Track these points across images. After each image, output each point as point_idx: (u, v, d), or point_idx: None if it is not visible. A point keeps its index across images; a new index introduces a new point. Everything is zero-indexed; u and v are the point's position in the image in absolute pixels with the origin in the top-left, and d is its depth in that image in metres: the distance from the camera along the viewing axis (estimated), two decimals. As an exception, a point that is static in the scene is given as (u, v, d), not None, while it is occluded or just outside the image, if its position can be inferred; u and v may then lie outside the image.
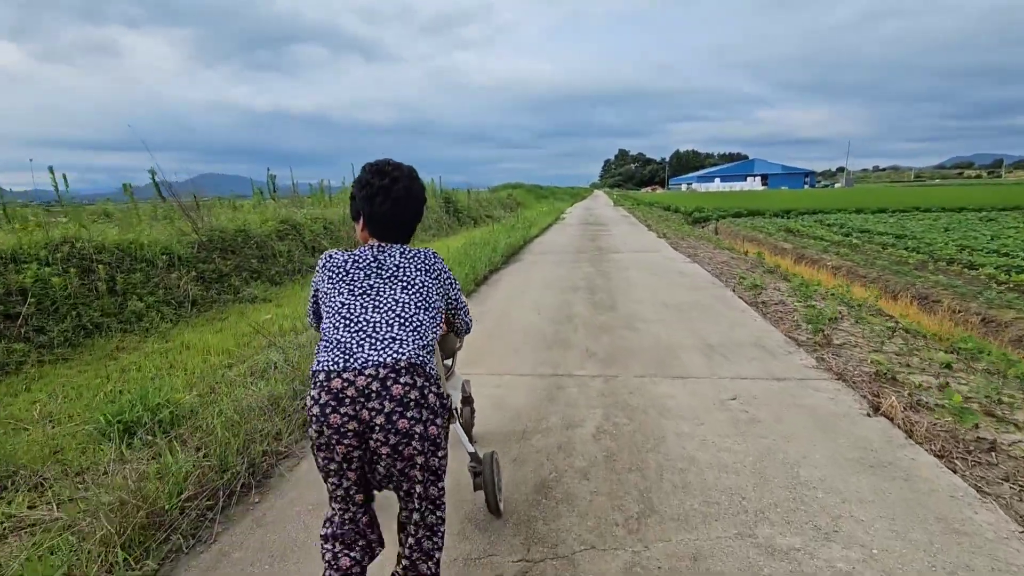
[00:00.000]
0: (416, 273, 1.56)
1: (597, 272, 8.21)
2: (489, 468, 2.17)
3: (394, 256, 1.57)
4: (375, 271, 1.53)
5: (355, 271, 1.53)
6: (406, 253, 1.59)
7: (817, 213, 31.18)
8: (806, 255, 15.79)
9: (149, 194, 10.79)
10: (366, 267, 1.54)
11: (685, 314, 5.48)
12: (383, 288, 1.51)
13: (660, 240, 12.75)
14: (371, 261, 1.55)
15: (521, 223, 15.22)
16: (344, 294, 1.49)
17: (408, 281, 1.53)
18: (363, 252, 1.57)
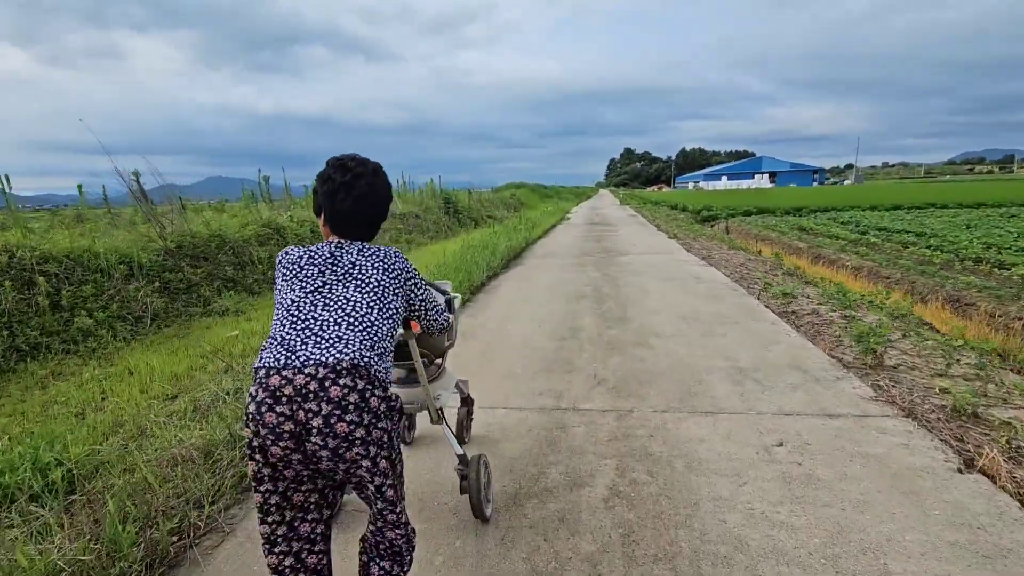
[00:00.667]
0: (372, 272, 1.49)
1: (604, 277, 7.53)
2: (475, 471, 2.10)
3: (351, 253, 1.50)
4: (329, 268, 1.47)
5: (309, 267, 1.46)
6: (364, 251, 1.52)
7: (830, 211, 30.38)
8: (823, 255, 15.03)
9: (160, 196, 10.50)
10: (321, 264, 1.47)
11: (707, 328, 4.80)
12: (336, 286, 1.44)
13: (671, 241, 12.04)
14: (327, 258, 1.48)
15: (524, 224, 14.55)
16: (296, 291, 1.43)
17: (362, 280, 1.47)
18: (319, 249, 1.50)
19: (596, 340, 4.60)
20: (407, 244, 11.44)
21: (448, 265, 7.83)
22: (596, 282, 7.19)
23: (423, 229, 13.23)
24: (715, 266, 8.30)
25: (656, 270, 7.97)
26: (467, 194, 20.59)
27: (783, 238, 18.45)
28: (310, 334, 1.34)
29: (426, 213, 14.28)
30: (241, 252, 6.98)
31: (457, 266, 7.76)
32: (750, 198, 39.97)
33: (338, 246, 1.51)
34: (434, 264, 8.12)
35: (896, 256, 14.37)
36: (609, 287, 6.82)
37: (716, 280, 7.05)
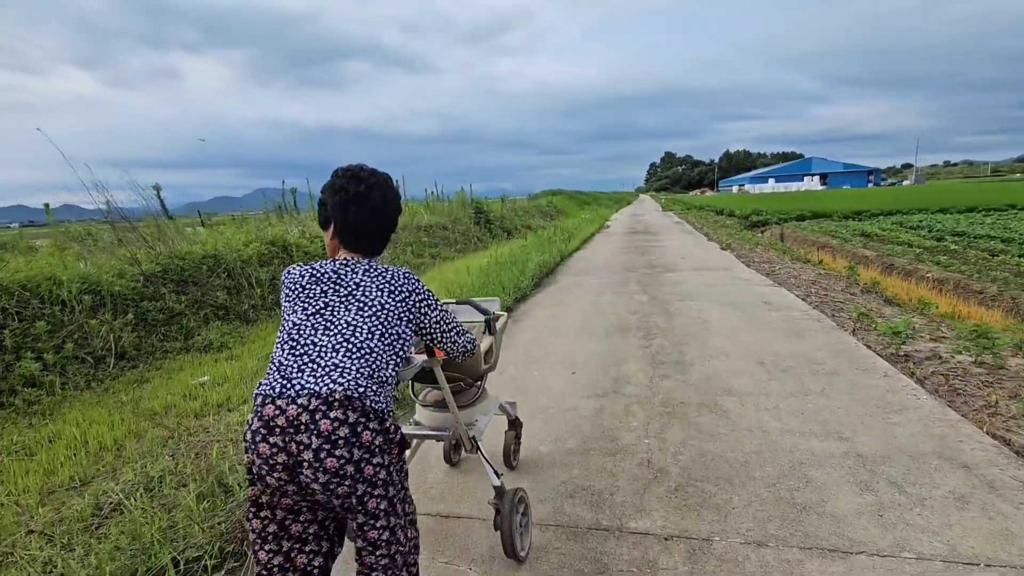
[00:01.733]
0: (376, 294, 1.39)
1: (652, 302, 6.37)
2: (509, 506, 1.92)
3: (357, 273, 1.41)
4: (332, 288, 1.39)
5: (311, 287, 1.40)
6: (371, 271, 1.43)
7: (894, 214, 28.04)
8: (896, 265, 13.32)
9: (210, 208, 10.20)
10: (324, 284, 1.40)
11: (797, 381, 3.62)
12: (338, 308, 1.37)
13: (725, 253, 10.70)
14: (331, 276, 1.40)
15: (559, 235, 13.48)
16: (298, 313, 1.37)
17: (365, 302, 1.37)
18: (323, 266, 1.42)
19: (647, 398, 3.49)
20: (431, 259, 10.57)
21: (468, 285, 6.86)
22: (642, 308, 6.05)
23: (450, 241, 12.35)
24: (783, 285, 7.01)
25: (714, 291, 6.74)
26: (500, 203, 19.68)
27: (846, 246, 16.72)
28: (307, 360, 1.28)
29: (455, 224, 13.41)
30: (236, 274, 6.21)
31: (480, 286, 6.78)
32: (801, 201, 37.60)
33: (343, 264, 1.43)
34: (456, 283, 7.17)
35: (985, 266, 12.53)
36: (659, 315, 5.68)
37: (792, 306, 5.79)
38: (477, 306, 2.14)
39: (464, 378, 2.15)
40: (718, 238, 13.72)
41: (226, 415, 3.45)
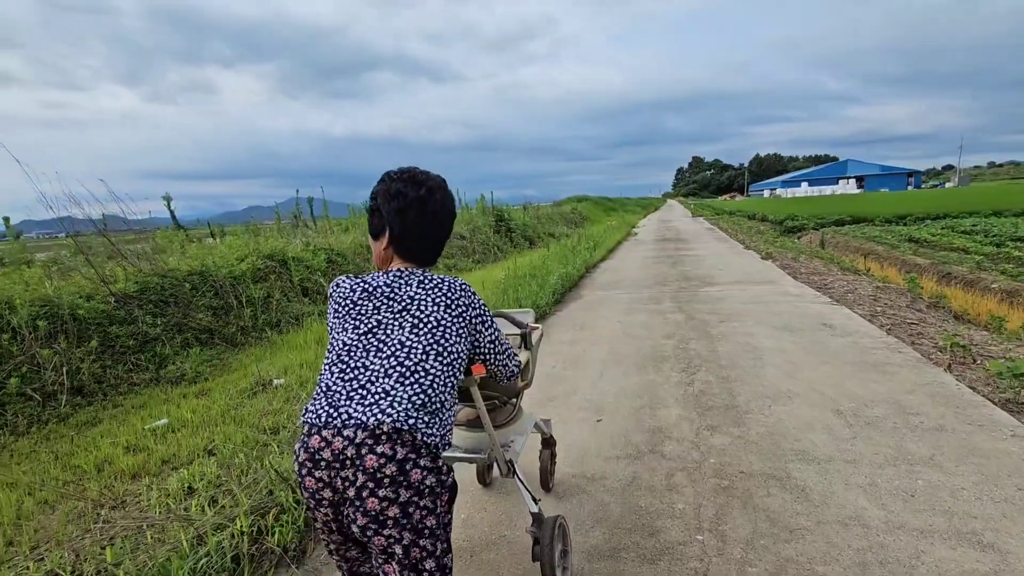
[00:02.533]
0: (432, 309, 1.27)
1: (690, 322, 5.54)
2: (549, 535, 1.75)
3: (411, 285, 1.30)
4: (385, 304, 1.28)
5: (363, 303, 1.29)
6: (426, 283, 1.30)
7: (941, 218, 26.32)
8: (954, 274, 12.07)
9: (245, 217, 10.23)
10: (377, 298, 1.29)
11: (896, 443, 2.76)
12: (391, 326, 1.25)
13: (766, 263, 9.74)
14: (383, 291, 1.29)
15: (583, 244, 12.69)
16: (349, 331, 1.26)
17: (420, 319, 1.25)
18: (374, 279, 1.32)
19: (696, 464, 2.69)
20: (445, 271, 9.91)
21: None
22: (679, 331, 5.23)
23: (468, 252, 11.68)
24: (842, 303, 6.08)
25: (761, 310, 5.86)
26: (522, 210, 18.97)
27: (894, 253, 15.45)
28: (357, 387, 1.18)
29: (474, 233, 12.75)
30: (224, 292, 5.64)
31: (495, 304, 6.05)
32: (838, 205, 35.86)
33: (396, 276, 1.31)
34: None
35: None
36: (699, 340, 4.85)
37: (859, 329, 4.88)
38: (512, 319, 1.99)
39: (499, 396, 2.02)
40: (756, 246, 12.71)
41: (168, 475, 2.80)
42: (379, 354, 1.21)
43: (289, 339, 5.46)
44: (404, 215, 1.32)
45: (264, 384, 4.13)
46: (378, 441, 1.11)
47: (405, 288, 1.29)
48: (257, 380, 4.15)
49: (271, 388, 4.08)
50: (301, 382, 4.14)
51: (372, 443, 1.10)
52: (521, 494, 1.85)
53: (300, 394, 3.84)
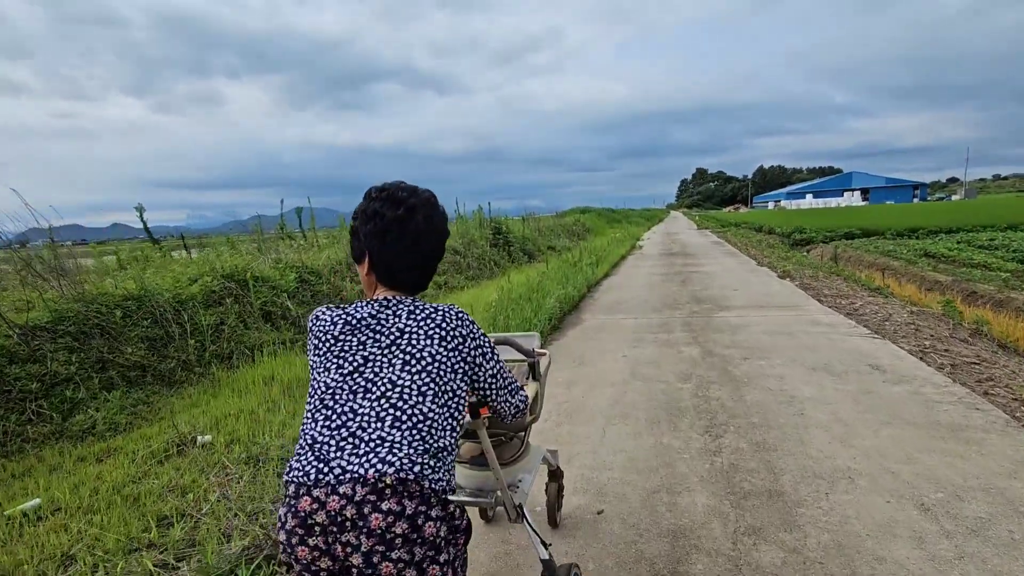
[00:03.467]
0: (425, 342, 1.13)
1: (708, 359, 4.71)
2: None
3: (400, 316, 1.16)
4: (372, 338, 1.13)
5: (346, 338, 1.13)
6: (416, 312, 1.16)
7: (955, 232, 25.50)
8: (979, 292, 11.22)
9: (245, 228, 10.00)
10: (362, 332, 1.14)
11: (1012, 560, 1.94)
12: (379, 363, 1.10)
13: (785, 283, 8.91)
14: (368, 322, 1.15)
15: (585, 259, 11.89)
16: (331, 372, 1.11)
17: (413, 354, 1.11)
18: (358, 310, 1.17)
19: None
20: (435, 289, 9.11)
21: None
22: (695, 370, 4.40)
23: (462, 267, 10.88)
24: (881, 333, 5.25)
25: (790, 343, 5.03)
26: (520, 222, 18.21)
27: (911, 268, 14.61)
28: (347, 435, 1.03)
29: (469, 247, 11.97)
30: (167, 320, 4.85)
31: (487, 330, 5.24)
32: (845, 218, 35.09)
33: (383, 306, 1.17)
34: None
35: None
36: (722, 385, 4.02)
37: (914, 373, 4.04)
38: (518, 346, 1.78)
39: (504, 431, 1.84)
40: (770, 262, 11.88)
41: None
42: (368, 395, 1.07)
43: (237, 376, 4.66)
44: (382, 238, 1.18)
45: (184, 443, 3.33)
46: (382, 496, 0.97)
47: (393, 319, 1.16)
48: (176, 437, 3.34)
49: (193, 448, 3.28)
50: (231, 440, 3.33)
51: (375, 499, 0.96)
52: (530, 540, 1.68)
53: (223, 459, 3.04)
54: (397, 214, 1.17)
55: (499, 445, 1.88)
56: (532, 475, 1.90)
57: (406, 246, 1.18)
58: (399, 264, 1.19)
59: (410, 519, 0.97)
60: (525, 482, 1.84)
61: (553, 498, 2.31)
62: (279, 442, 3.20)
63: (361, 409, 1.05)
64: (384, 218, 1.17)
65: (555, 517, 2.34)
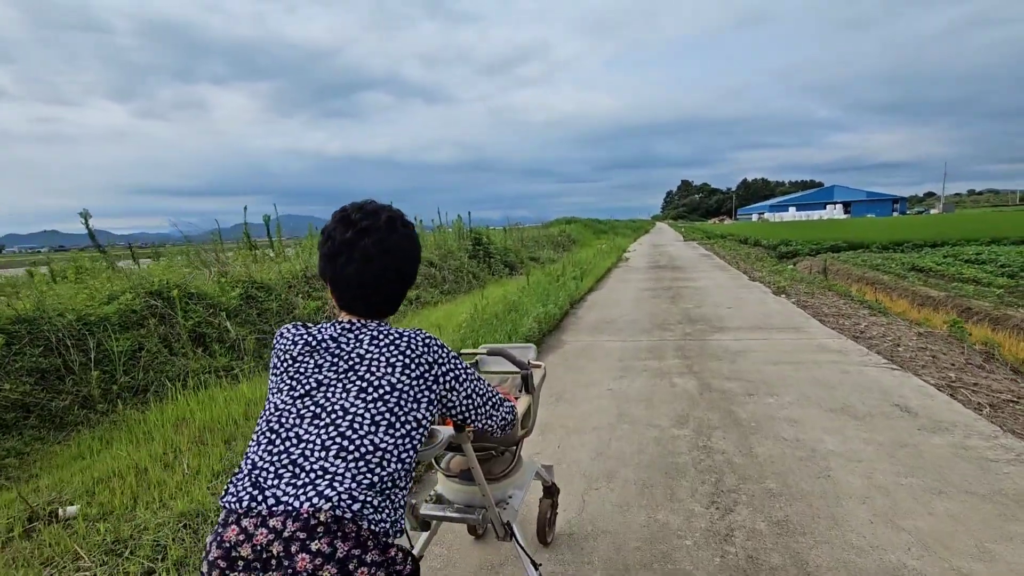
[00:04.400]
0: (386, 370, 1.06)
1: (707, 395, 4.04)
2: None
3: (362, 341, 1.10)
4: (330, 361, 1.08)
5: (304, 359, 1.09)
6: (380, 338, 1.10)
7: (940, 245, 25.43)
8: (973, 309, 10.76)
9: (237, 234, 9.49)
10: (320, 354, 1.09)
11: None
12: (333, 388, 1.04)
13: (782, 300, 8.32)
14: (328, 344, 1.10)
15: (569, 272, 11.24)
16: (283, 394, 1.06)
17: (370, 381, 1.05)
18: (321, 331, 1.12)
19: None
20: (405, 304, 8.36)
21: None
22: (693, 410, 3.72)
23: (437, 281, 10.15)
24: (898, 362, 4.65)
25: (799, 375, 4.38)
26: (502, 232, 17.53)
27: (902, 283, 14.22)
28: (287, 462, 0.96)
29: (445, 259, 11.25)
30: (66, 348, 4.05)
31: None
32: (829, 230, 35.09)
33: (346, 329, 1.12)
34: None
35: None
36: (726, 432, 3.34)
37: (953, 419, 3.39)
38: (511, 357, 1.74)
39: (495, 446, 1.78)
40: (762, 277, 11.34)
41: None
42: (315, 422, 1.00)
43: (149, 416, 3.87)
44: (333, 261, 1.13)
45: (38, 518, 2.55)
46: (312, 534, 0.88)
47: (354, 344, 1.10)
48: (25, 511, 2.56)
49: (52, 524, 2.50)
50: (106, 512, 2.57)
51: (305, 537, 0.88)
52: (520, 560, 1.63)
53: (75, 547, 2.27)
54: (346, 237, 1.13)
55: (489, 459, 1.81)
56: (523, 491, 1.85)
57: (356, 269, 1.13)
58: (352, 290, 1.14)
59: (340, 563, 0.88)
60: (515, 498, 1.78)
61: (545, 514, 2.20)
62: (162, 517, 2.45)
63: (307, 435, 0.99)
64: (335, 241, 1.14)
65: (546, 534, 2.22)
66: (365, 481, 0.94)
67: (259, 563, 0.87)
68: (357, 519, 0.91)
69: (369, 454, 0.97)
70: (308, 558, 0.86)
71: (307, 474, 0.93)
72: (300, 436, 0.98)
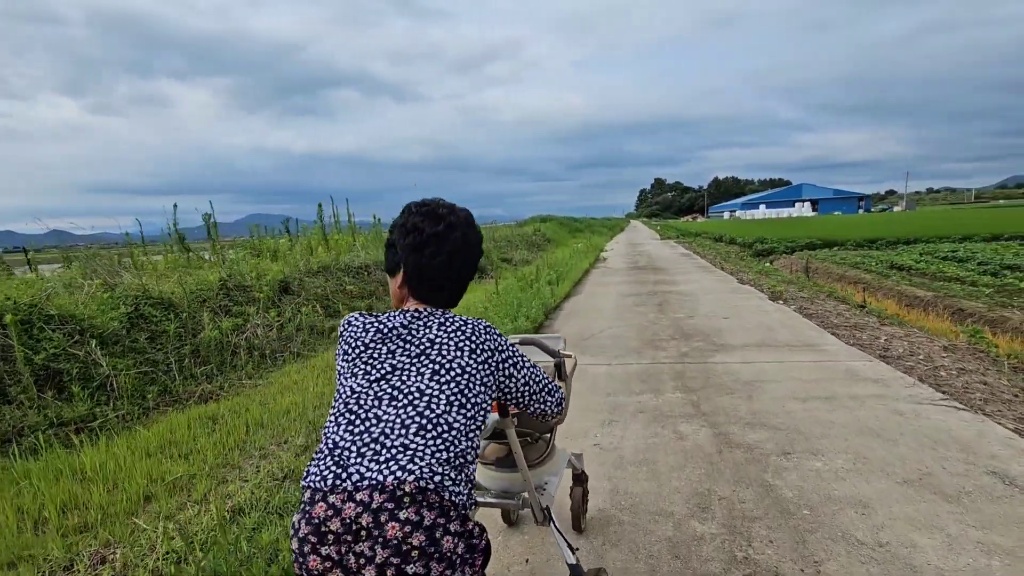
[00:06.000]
0: (455, 353, 1.13)
1: (728, 460, 2.97)
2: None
3: (430, 327, 1.16)
4: (401, 347, 1.13)
5: (376, 346, 1.13)
6: (447, 324, 1.17)
7: (915, 243, 25.30)
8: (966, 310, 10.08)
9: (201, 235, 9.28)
10: (392, 340, 1.13)
11: None
12: (408, 372, 1.10)
13: (781, 307, 7.39)
14: (400, 332, 1.14)
15: (544, 275, 10.17)
16: (359, 378, 1.10)
17: (441, 364, 1.11)
18: (391, 318, 1.17)
19: None
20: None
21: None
22: (715, 488, 2.65)
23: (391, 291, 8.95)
24: (951, 394, 3.70)
25: (841, 419, 3.36)
26: (474, 232, 16.33)
27: (885, 282, 13.62)
28: (369, 440, 1.01)
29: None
30: None
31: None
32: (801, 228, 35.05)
33: (415, 316, 1.17)
34: None
35: None
36: (771, 525, 2.27)
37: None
38: (544, 347, 1.78)
39: (531, 432, 1.88)
40: (752, 279, 10.46)
41: None
42: (394, 403, 1.05)
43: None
44: (419, 253, 1.19)
45: None
46: (400, 504, 0.92)
47: (424, 330, 1.15)
48: None
49: None
50: None
51: (393, 507, 0.92)
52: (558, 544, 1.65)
53: None
54: (437, 230, 1.18)
55: (525, 447, 1.81)
56: (558, 478, 1.88)
57: (443, 261, 1.19)
58: (434, 278, 1.20)
59: (428, 531, 0.93)
60: (551, 485, 1.82)
61: (578, 502, 2.23)
62: None
63: (386, 416, 1.04)
64: (423, 232, 1.18)
65: (580, 522, 2.26)
66: (442, 456, 0.99)
67: (350, 535, 0.91)
68: (439, 490, 0.95)
69: (445, 432, 1.02)
70: (398, 526, 0.90)
71: (388, 451, 0.97)
72: (380, 416, 1.03)
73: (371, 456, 0.97)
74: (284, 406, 3.98)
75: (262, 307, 6.00)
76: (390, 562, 0.89)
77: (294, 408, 3.95)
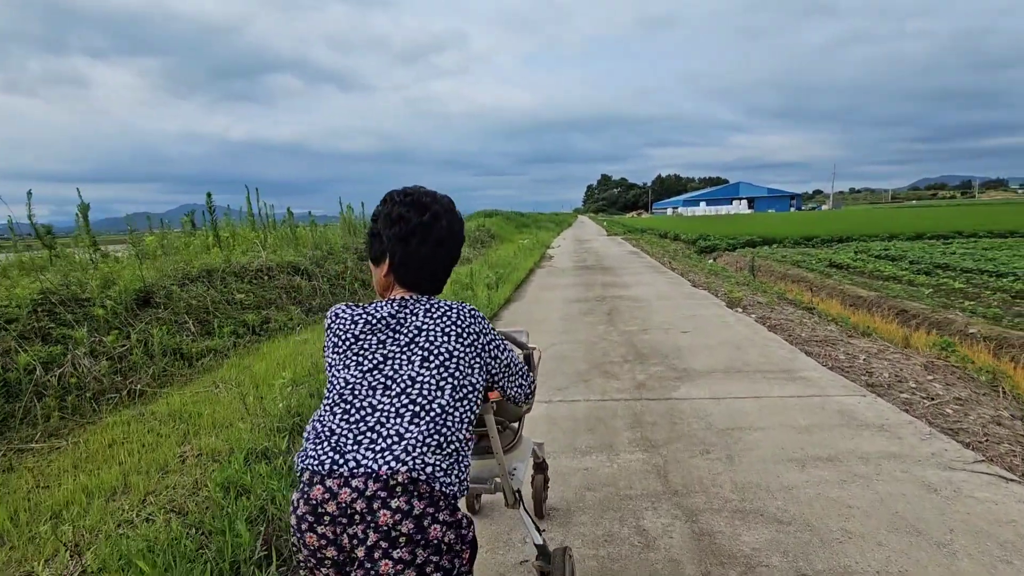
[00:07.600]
0: (443, 339, 1.16)
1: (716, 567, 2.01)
2: (560, 570, 1.63)
3: (417, 314, 1.19)
4: (391, 336, 1.16)
5: (366, 336, 1.16)
6: (432, 310, 1.20)
7: (846, 240, 26.04)
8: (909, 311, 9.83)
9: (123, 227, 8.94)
10: (380, 330, 1.17)
11: None
12: (398, 360, 1.13)
13: (740, 316, 6.62)
14: (388, 321, 1.18)
15: (483, 276, 9.07)
16: (351, 368, 1.13)
17: (430, 350, 1.14)
18: (378, 308, 1.21)
19: None
20: (235, 335, 5.72)
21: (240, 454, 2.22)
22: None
23: (303, 295, 7.53)
24: (987, 453, 2.89)
25: (856, 502, 2.44)
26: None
27: (828, 281, 13.47)
28: (365, 429, 1.05)
29: (323, 262, 8.66)
30: None
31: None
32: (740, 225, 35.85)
33: (402, 305, 1.21)
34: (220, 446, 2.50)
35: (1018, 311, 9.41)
36: None
37: None
38: (513, 339, 1.85)
39: (503, 420, 1.91)
40: (706, 283, 9.77)
41: None
42: (387, 392, 1.08)
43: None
44: (406, 242, 1.21)
45: None
46: (392, 494, 0.97)
47: (411, 318, 1.18)
48: None
49: None
50: None
51: (386, 496, 0.97)
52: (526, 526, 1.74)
53: None
54: (422, 219, 1.20)
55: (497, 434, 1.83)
56: (525, 464, 1.93)
57: (430, 250, 1.22)
58: (420, 267, 1.22)
59: (416, 519, 0.97)
60: (520, 470, 1.86)
61: (540, 489, 2.34)
62: None
63: (380, 405, 1.06)
64: (409, 223, 1.20)
65: (542, 508, 2.38)
66: (433, 442, 1.01)
67: (344, 518, 0.96)
68: (430, 481, 0.99)
69: (438, 416, 1.04)
70: (388, 514, 0.96)
71: (384, 439, 1.01)
72: (374, 406, 1.06)
73: (367, 444, 1.01)
74: (69, 492, 2.64)
75: (102, 328, 4.56)
76: (379, 545, 0.95)
77: (99, 491, 2.62)
